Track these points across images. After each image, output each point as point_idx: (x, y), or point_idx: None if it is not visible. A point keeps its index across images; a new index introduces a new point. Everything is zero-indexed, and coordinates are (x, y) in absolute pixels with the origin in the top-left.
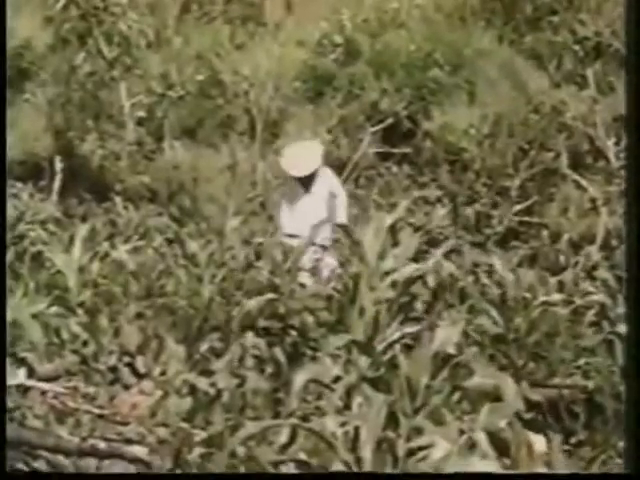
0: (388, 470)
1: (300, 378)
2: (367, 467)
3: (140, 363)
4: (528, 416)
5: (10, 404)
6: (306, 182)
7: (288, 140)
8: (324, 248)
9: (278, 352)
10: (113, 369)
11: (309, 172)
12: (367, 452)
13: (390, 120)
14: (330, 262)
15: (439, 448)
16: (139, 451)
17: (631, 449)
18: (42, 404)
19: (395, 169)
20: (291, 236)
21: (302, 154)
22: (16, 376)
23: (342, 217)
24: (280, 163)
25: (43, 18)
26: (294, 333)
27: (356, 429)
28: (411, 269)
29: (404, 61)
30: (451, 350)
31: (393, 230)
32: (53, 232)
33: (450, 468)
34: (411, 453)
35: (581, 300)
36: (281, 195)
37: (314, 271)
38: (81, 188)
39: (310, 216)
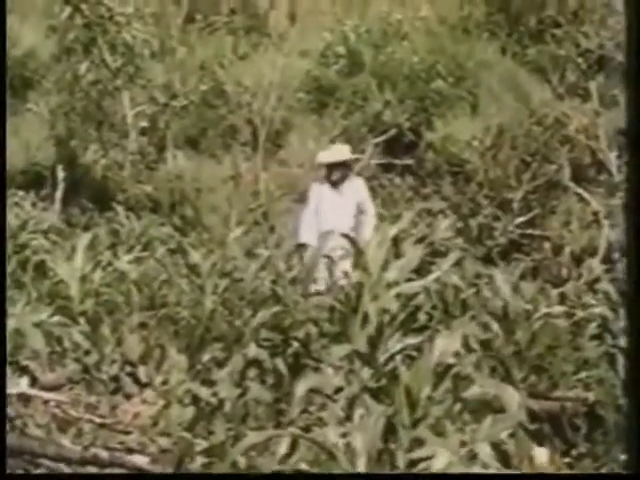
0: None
1: (301, 388)
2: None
3: (142, 373)
4: (530, 428)
5: (12, 413)
6: (336, 181)
7: (291, 151)
8: (331, 259)
9: (280, 363)
10: (115, 378)
11: (338, 159)
12: (366, 462)
13: (393, 131)
14: (336, 273)
15: (440, 459)
16: (141, 460)
17: (631, 450)
18: (44, 413)
19: (398, 180)
20: (301, 246)
21: (333, 149)
22: (18, 385)
23: (368, 235)
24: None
25: (47, 27)
26: (296, 344)
27: (357, 440)
28: (415, 284)
29: (407, 73)
30: (452, 361)
31: (396, 241)
32: (55, 241)
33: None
34: (412, 464)
35: (583, 312)
36: (309, 197)
37: (321, 282)
38: (83, 197)
39: (335, 223)
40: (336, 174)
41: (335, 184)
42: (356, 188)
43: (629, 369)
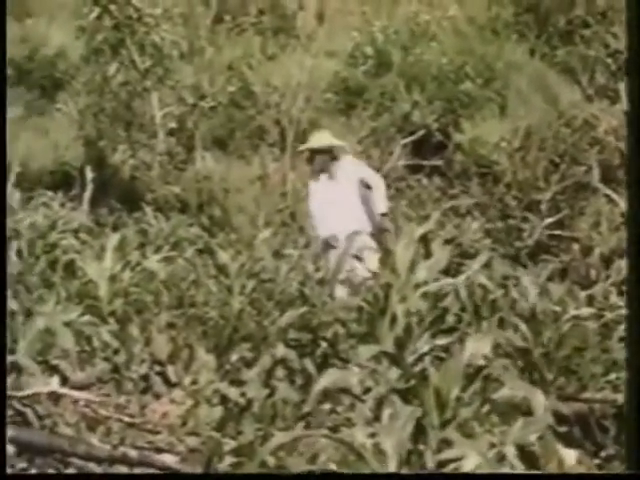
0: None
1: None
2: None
3: (171, 372)
4: (559, 430)
5: (42, 411)
6: (321, 169)
7: None
8: (358, 259)
9: (308, 363)
10: (144, 378)
11: (318, 145)
12: (395, 463)
13: (421, 132)
14: (363, 273)
15: (470, 460)
16: (169, 460)
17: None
18: (74, 412)
19: (425, 181)
20: (327, 245)
21: (314, 137)
22: (49, 384)
23: (382, 207)
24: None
25: (77, 28)
26: (324, 344)
27: (386, 440)
28: (443, 283)
29: (435, 73)
30: (481, 363)
31: (424, 242)
32: (85, 241)
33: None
34: (441, 465)
35: (611, 314)
36: (309, 194)
37: (347, 282)
38: (112, 198)
39: (340, 207)
40: (318, 162)
41: (322, 172)
42: (349, 168)
43: None
